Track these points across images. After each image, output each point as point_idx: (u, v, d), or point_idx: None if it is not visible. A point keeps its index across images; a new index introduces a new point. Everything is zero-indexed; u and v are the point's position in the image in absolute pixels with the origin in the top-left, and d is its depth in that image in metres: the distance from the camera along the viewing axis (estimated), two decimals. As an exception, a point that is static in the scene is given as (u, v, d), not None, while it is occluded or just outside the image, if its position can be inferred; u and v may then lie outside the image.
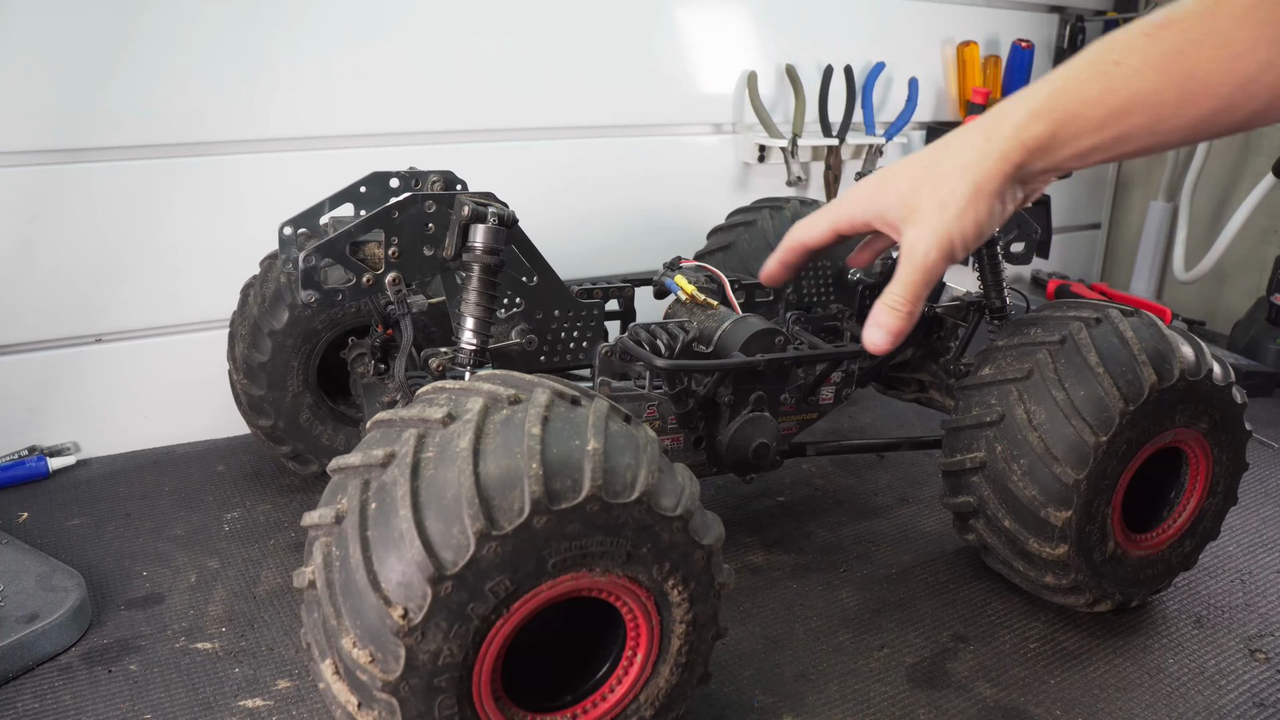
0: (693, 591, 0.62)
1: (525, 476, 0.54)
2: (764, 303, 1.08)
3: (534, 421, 0.56)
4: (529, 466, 0.54)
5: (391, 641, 0.53)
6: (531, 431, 0.55)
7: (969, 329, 1.07)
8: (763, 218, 1.20)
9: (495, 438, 0.56)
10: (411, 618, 0.53)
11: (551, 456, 0.55)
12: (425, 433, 0.57)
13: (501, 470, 0.54)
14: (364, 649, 0.54)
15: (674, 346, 0.88)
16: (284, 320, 0.97)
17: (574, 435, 0.57)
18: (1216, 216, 1.77)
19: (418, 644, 0.53)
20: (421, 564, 0.52)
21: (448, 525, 0.53)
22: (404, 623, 0.52)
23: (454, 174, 0.95)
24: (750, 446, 0.90)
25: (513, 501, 0.53)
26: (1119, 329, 0.81)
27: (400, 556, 0.53)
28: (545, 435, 0.55)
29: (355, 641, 0.54)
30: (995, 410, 0.83)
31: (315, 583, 0.57)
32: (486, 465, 0.54)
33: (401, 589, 0.53)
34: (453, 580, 0.53)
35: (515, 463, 0.54)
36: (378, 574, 0.53)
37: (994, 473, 0.83)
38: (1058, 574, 0.83)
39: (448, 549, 0.53)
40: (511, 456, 0.54)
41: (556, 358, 0.92)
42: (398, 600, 0.53)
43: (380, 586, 0.53)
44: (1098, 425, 0.78)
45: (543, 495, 0.54)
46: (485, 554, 0.53)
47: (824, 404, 0.97)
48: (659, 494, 0.58)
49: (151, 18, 1.03)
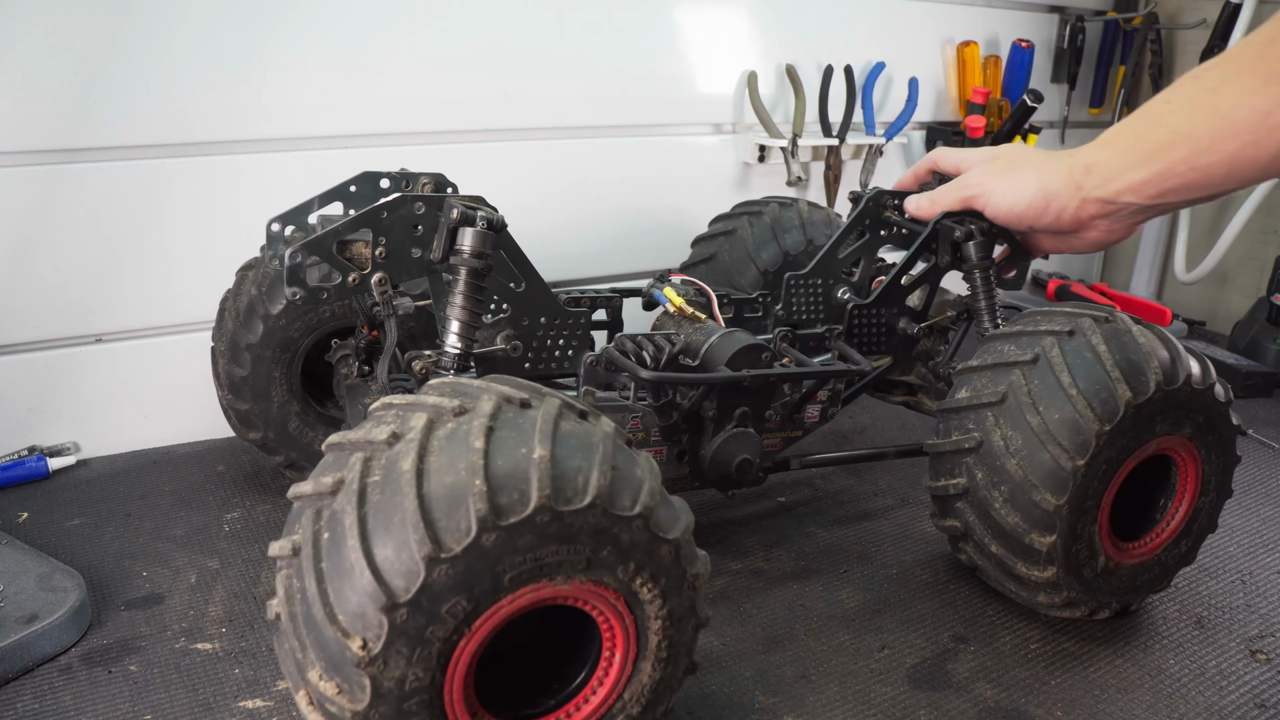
0: (664, 587, 0.60)
1: (470, 494, 0.52)
2: (752, 318, 1.07)
3: (477, 434, 0.54)
4: (473, 484, 0.52)
5: (355, 672, 0.52)
6: (474, 445, 0.53)
7: (960, 333, 1.06)
8: (742, 226, 1.19)
9: (440, 455, 0.54)
10: (371, 648, 0.52)
11: (496, 470, 0.53)
12: (371, 455, 0.56)
13: (445, 489, 0.52)
14: (330, 681, 0.53)
15: (660, 358, 0.87)
16: (259, 333, 0.96)
17: (520, 443, 0.55)
18: (1217, 216, 1.77)
19: (381, 673, 0.52)
20: (373, 594, 0.51)
21: (396, 551, 0.52)
22: (364, 653, 0.52)
23: (445, 176, 0.95)
24: (733, 462, 0.89)
25: (459, 521, 0.52)
26: (1091, 342, 0.79)
27: (353, 587, 0.52)
28: (489, 447, 0.54)
29: (322, 674, 0.53)
30: (973, 436, 0.82)
31: (280, 616, 0.56)
32: (430, 485, 0.52)
33: (358, 619, 0.52)
34: (407, 607, 0.52)
35: (459, 479, 0.53)
36: (334, 606, 0.52)
37: (977, 499, 0.82)
38: (1049, 593, 0.82)
39: (398, 576, 0.51)
40: (455, 473, 0.53)
41: (541, 365, 0.91)
42: (355, 631, 0.52)
43: (337, 619, 0.52)
44: (1074, 450, 0.76)
45: (489, 512, 0.52)
46: (436, 577, 0.52)
47: (809, 422, 0.97)
48: (614, 495, 0.56)
49: (150, 19, 1.03)
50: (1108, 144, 0.78)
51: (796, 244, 1.17)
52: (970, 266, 1.00)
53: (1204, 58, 1.67)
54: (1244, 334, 1.58)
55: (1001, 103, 1.67)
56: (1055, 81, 1.80)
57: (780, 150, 1.47)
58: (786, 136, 1.47)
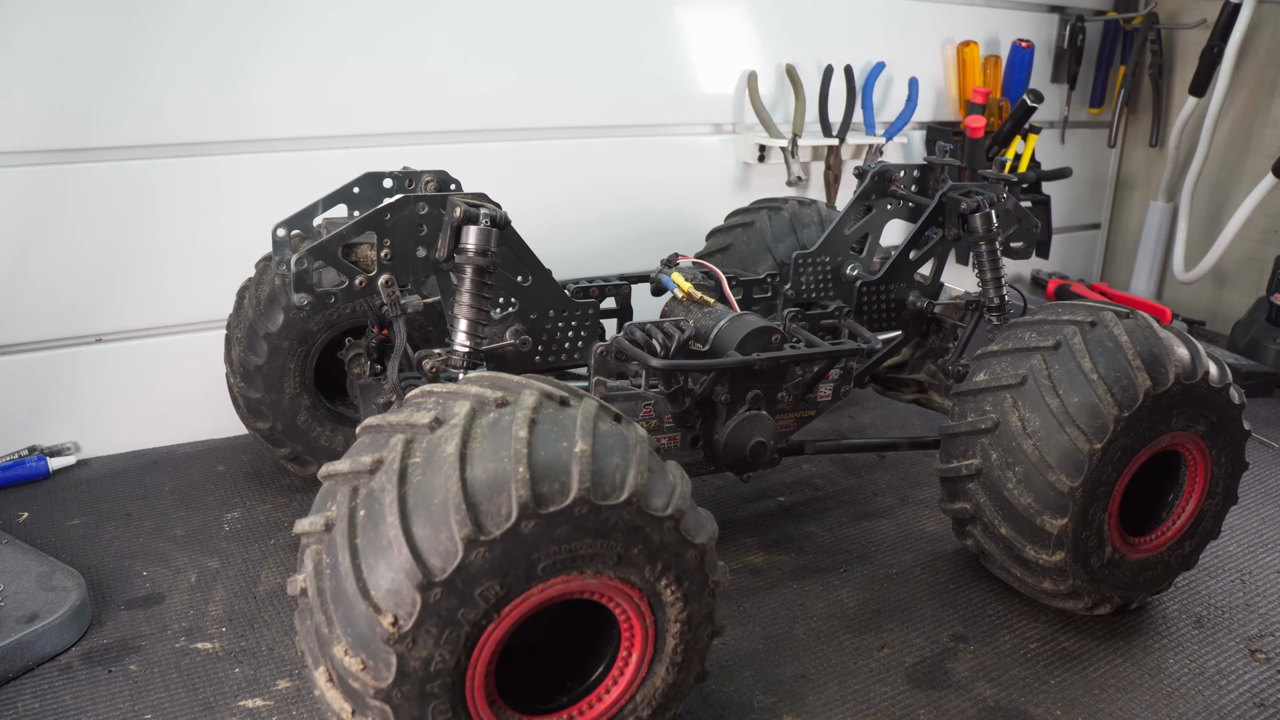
0: (686, 591, 0.62)
1: (512, 481, 0.53)
2: (762, 300, 1.07)
3: (521, 424, 0.55)
4: (516, 470, 0.54)
5: (382, 649, 0.53)
6: (518, 435, 0.55)
7: (968, 330, 1.06)
8: (760, 218, 1.20)
9: (482, 442, 0.55)
10: (401, 625, 0.52)
11: (538, 460, 0.54)
12: (412, 438, 0.57)
13: (488, 475, 0.54)
14: (356, 657, 0.54)
15: (670, 346, 0.87)
16: (279, 323, 0.97)
17: (562, 437, 0.56)
18: (1216, 216, 1.77)
19: (409, 651, 0.53)
20: (410, 571, 0.52)
21: (435, 531, 0.52)
22: (394, 630, 0.52)
23: (448, 174, 0.95)
24: (747, 445, 0.90)
25: (500, 506, 0.53)
26: (1113, 333, 0.80)
27: (389, 564, 0.53)
28: (532, 438, 0.55)
29: (347, 649, 0.54)
30: (990, 417, 0.83)
31: (307, 590, 0.57)
32: (473, 470, 0.54)
33: (391, 596, 0.52)
34: (442, 586, 0.52)
35: (502, 467, 0.54)
36: (367, 582, 0.53)
37: (990, 480, 0.83)
38: (1055, 579, 0.83)
39: (436, 555, 0.52)
40: (498, 460, 0.54)
41: (552, 358, 0.91)
42: (387, 608, 0.52)
43: (370, 594, 0.53)
44: (1092, 433, 0.78)
45: (530, 499, 0.53)
46: (474, 559, 0.53)
47: (822, 401, 0.97)
48: (649, 494, 0.58)
49: (150, 19, 1.03)
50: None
51: (813, 239, 1.18)
52: (977, 238, 1.00)
53: (1203, 58, 1.67)
54: (1244, 334, 1.58)
55: (1001, 103, 1.67)
56: (1055, 81, 1.80)
57: (780, 150, 1.47)
58: (786, 136, 1.47)
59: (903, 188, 1.10)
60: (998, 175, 1.07)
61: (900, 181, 1.10)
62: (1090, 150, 1.90)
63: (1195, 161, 1.74)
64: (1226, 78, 1.65)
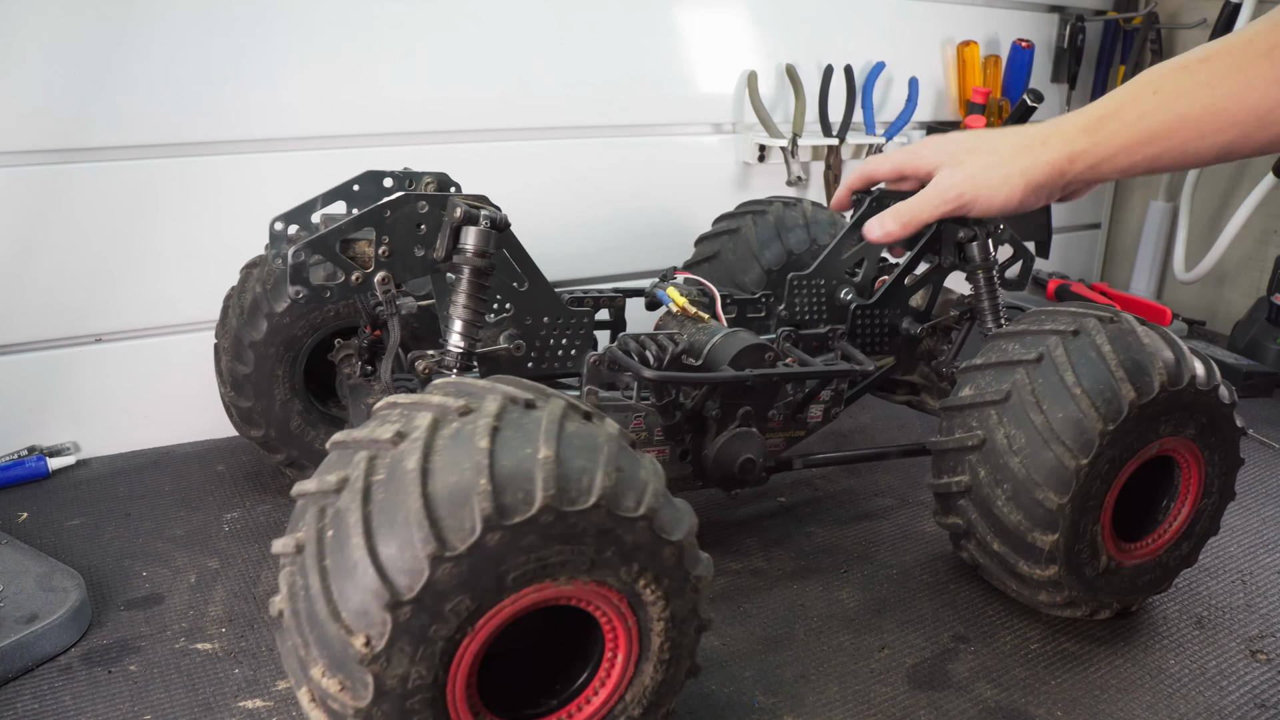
0: (667, 588, 0.60)
1: (474, 493, 0.52)
2: (755, 318, 1.07)
3: (483, 434, 0.54)
4: (477, 482, 0.52)
5: (358, 669, 0.52)
6: (479, 445, 0.54)
7: (963, 333, 1.06)
8: (746, 224, 1.19)
9: (444, 454, 0.54)
10: (374, 645, 0.52)
11: (501, 469, 0.53)
12: (376, 454, 0.56)
13: (450, 488, 0.52)
14: (334, 678, 0.53)
15: (663, 358, 0.87)
16: (263, 330, 0.96)
17: (525, 444, 0.55)
18: (1216, 216, 1.77)
19: (384, 670, 0.52)
20: (377, 591, 0.51)
21: (400, 550, 0.52)
22: (367, 650, 0.52)
23: (448, 175, 0.95)
24: (736, 461, 0.89)
25: (463, 520, 0.52)
26: (1095, 342, 0.79)
27: (356, 585, 0.52)
28: (494, 447, 0.54)
29: (324, 671, 0.53)
30: (977, 434, 0.82)
31: (284, 613, 0.56)
32: (434, 484, 0.53)
33: (361, 617, 0.52)
34: (411, 605, 0.52)
35: (464, 479, 0.53)
36: (337, 603, 0.52)
37: (979, 497, 0.82)
38: (1051, 592, 0.82)
39: (402, 574, 0.51)
40: (460, 473, 0.53)
41: (544, 364, 0.91)
42: (359, 629, 0.52)
43: (340, 616, 0.52)
44: (1077, 449, 0.76)
45: (493, 511, 0.52)
46: (440, 575, 0.52)
47: (812, 422, 0.97)
48: (618, 496, 0.56)
49: (151, 17, 1.03)
50: (1089, 131, 0.78)
51: (800, 243, 1.18)
52: (974, 267, 1.00)
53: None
54: (1244, 334, 1.58)
55: (1001, 103, 1.68)
56: (1055, 81, 1.80)
57: (780, 150, 1.47)
58: (786, 136, 1.47)
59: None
60: None
61: None
62: (1090, 150, 1.90)
63: (1195, 161, 1.74)
64: (1227, 78, 1.65)
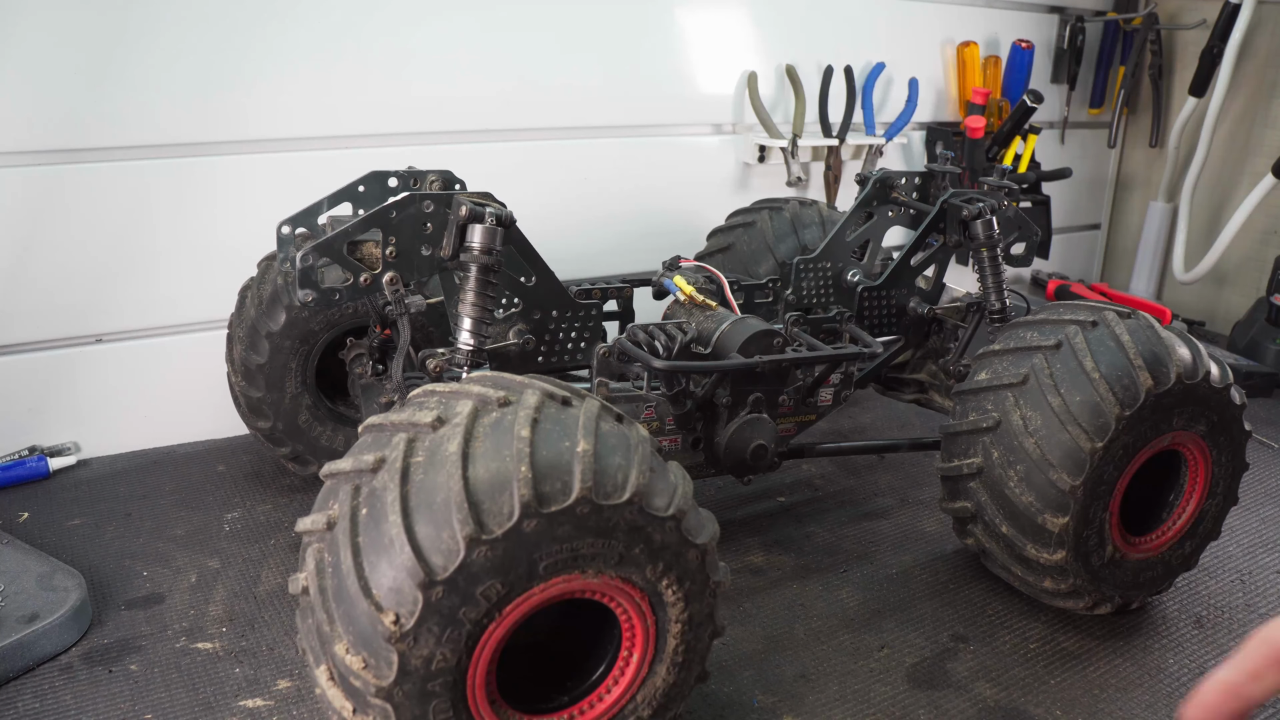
0: (688, 591, 0.62)
1: (514, 480, 0.53)
2: (763, 304, 1.08)
3: (523, 424, 0.56)
4: (518, 470, 0.54)
5: (384, 647, 0.53)
6: (520, 434, 0.55)
7: (969, 330, 1.07)
8: (762, 218, 1.20)
9: (484, 441, 0.55)
10: (403, 623, 0.52)
11: (541, 459, 0.54)
12: (415, 437, 0.57)
13: (490, 474, 0.54)
14: (357, 655, 0.54)
15: (672, 348, 0.87)
16: (281, 322, 0.97)
17: (564, 437, 0.56)
18: (1216, 217, 1.77)
19: (410, 649, 0.53)
20: (412, 569, 0.52)
21: (437, 530, 0.52)
22: (395, 629, 0.52)
23: (453, 174, 0.95)
24: (748, 448, 0.90)
25: (502, 505, 0.53)
26: (1115, 332, 0.81)
27: (390, 562, 0.53)
28: (534, 437, 0.55)
29: (348, 648, 0.54)
30: (992, 416, 0.83)
31: (309, 589, 0.57)
32: (475, 469, 0.54)
33: (393, 595, 0.52)
34: (443, 585, 0.52)
35: (504, 466, 0.54)
36: (369, 580, 0.53)
37: (991, 478, 0.83)
38: (1056, 578, 0.83)
39: (438, 554, 0.52)
40: (500, 460, 0.54)
41: (554, 358, 0.92)
42: (389, 606, 0.52)
43: (371, 593, 0.53)
44: (1094, 431, 0.78)
45: (532, 498, 0.53)
46: (475, 558, 0.53)
47: (823, 406, 0.97)
48: (651, 494, 0.58)
49: (152, 19, 1.03)
50: None
51: (815, 240, 1.18)
52: (978, 244, 1.01)
53: (1203, 58, 1.67)
54: (1244, 334, 1.58)
55: (1001, 103, 1.68)
56: (1055, 82, 1.80)
57: (780, 150, 1.47)
58: (786, 137, 1.47)
59: (904, 194, 1.10)
60: (998, 183, 1.07)
61: (902, 189, 1.10)
62: (1090, 151, 1.90)
63: (1195, 162, 1.74)
64: (1226, 78, 1.65)
